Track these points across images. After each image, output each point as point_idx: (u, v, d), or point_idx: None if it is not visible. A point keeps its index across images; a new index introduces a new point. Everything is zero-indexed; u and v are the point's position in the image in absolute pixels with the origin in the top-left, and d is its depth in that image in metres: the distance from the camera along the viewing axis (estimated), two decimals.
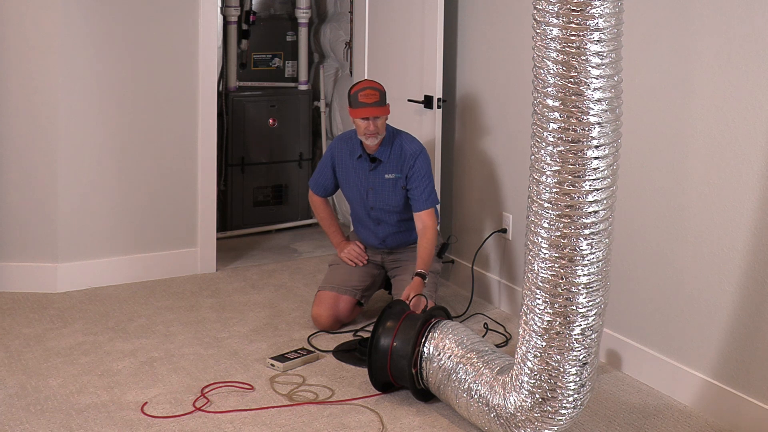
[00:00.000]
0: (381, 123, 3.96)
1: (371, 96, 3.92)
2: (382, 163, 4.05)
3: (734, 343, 3.20)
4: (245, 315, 4.26)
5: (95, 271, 4.61)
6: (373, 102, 3.91)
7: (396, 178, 4.05)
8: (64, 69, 4.45)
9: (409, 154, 4.04)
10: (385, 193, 4.07)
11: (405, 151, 4.05)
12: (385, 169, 4.06)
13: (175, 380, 3.50)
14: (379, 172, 4.06)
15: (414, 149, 4.06)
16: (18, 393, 3.35)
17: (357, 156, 4.09)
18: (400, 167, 4.04)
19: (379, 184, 4.07)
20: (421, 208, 4.01)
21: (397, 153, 4.05)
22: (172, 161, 4.78)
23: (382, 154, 4.04)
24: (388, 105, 3.99)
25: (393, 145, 4.05)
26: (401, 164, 4.04)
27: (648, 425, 3.21)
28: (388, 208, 4.09)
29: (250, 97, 5.80)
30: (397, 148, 4.05)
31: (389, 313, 3.42)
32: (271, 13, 5.99)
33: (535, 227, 2.69)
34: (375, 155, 4.05)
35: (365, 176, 4.09)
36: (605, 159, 2.58)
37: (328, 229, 4.27)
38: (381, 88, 3.99)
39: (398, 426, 3.17)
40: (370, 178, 4.08)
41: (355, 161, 4.10)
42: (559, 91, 2.54)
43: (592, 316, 2.69)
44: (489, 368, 3.01)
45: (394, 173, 4.05)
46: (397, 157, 4.05)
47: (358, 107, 3.93)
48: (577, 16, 2.47)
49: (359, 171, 4.10)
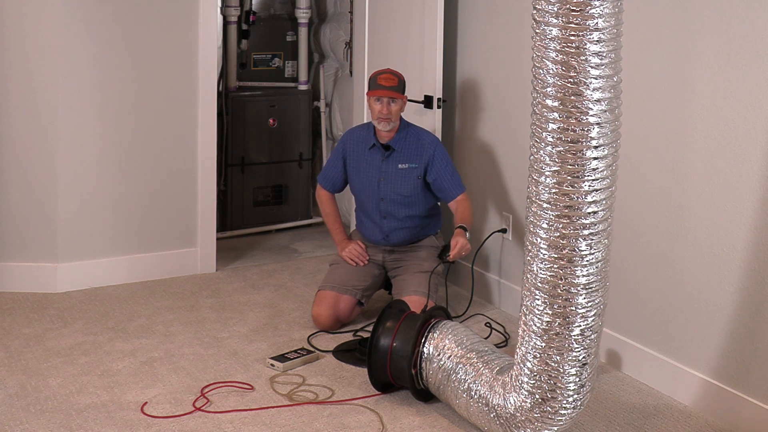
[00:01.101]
0: (396, 109, 4.02)
1: (390, 80, 4.01)
2: (395, 152, 4.10)
3: (734, 343, 3.20)
4: (245, 315, 4.26)
5: (95, 271, 4.61)
6: (390, 86, 4.00)
7: (410, 168, 4.09)
8: (64, 69, 4.45)
9: (427, 142, 4.11)
10: (397, 183, 4.10)
11: (422, 140, 4.11)
12: (398, 158, 4.10)
13: (175, 380, 3.50)
14: (392, 162, 4.10)
15: (432, 139, 4.15)
16: (18, 393, 3.35)
17: (370, 146, 4.13)
18: (418, 156, 4.08)
19: (392, 173, 4.10)
20: (455, 194, 4.10)
21: (413, 142, 4.10)
22: (172, 161, 4.78)
23: (396, 143, 4.10)
24: (405, 96, 4.08)
25: (408, 135, 4.12)
26: (419, 153, 4.09)
27: (648, 425, 3.21)
28: (399, 198, 4.10)
29: (250, 97, 5.80)
30: (412, 138, 4.12)
31: (389, 313, 3.41)
32: (271, 13, 5.99)
33: (534, 228, 2.68)
34: (389, 143, 4.09)
35: (377, 166, 4.11)
36: (604, 159, 2.58)
37: (332, 226, 4.28)
38: (401, 76, 4.07)
39: (398, 426, 3.17)
40: (383, 167, 4.11)
41: (367, 152, 4.14)
42: (558, 91, 2.54)
43: (592, 317, 2.69)
44: (489, 368, 3.01)
45: (407, 163, 4.09)
46: (413, 146, 4.10)
47: (376, 88, 4.01)
48: (577, 16, 2.47)
49: (371, 162, 4.13)
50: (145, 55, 4.65)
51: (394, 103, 4.02)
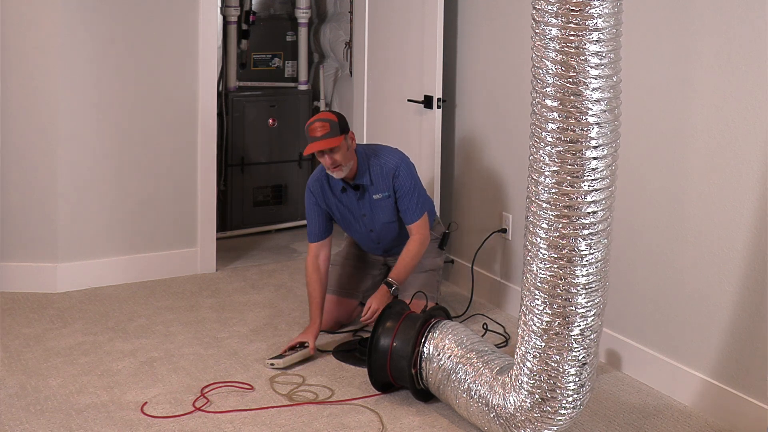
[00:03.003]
0: (340, 155, 3.71)
1: (320, 129, 3.67)
2: (367, 186, 3.90)
3: (734, 343, 3.20)
4: (245, 315, 4.26)
5: (95, 271, 4.61)
6: (322, 135, 3.66)
7: (383, 197, 3.91)
8: (64, 69, 4.46)
9: (388, 170, 3.88)
10: (381, 214, 3.95)
11: (384, 168, 3.88)
12: (372, 191, 3.90)
13: (174, 380, 3.50)
14: (367, 197, 3.91)
15: (392, 163, 3.89)
16: (18, 393, 3.35)
17: (340, 189, 3.89)
18: (386, 185, 3.89)
19: (371, 207, 3.93)
20: (409, 221, 3.92)
21: (378, 172, 3.89)
22: (172, 161, 4.78)
23: (362, 178, 3.86)
24: (343, 135, 3.71)
25: (371, 167, 3.88)
26: (386, 182, 3.89)
27: (648, 425, 3.21)
28: (386, 225, 3.99)
29: (250, 97, 5.80)
30: (376, 168, 3.88)
31: (389, 313, 3.41)
32: (271, 13, 5.99)
33: (533, 228, 2.68)
34: (357, 182, 3.87)
35: (356, 205, 3.93)
36: (604, 159, 2.58)
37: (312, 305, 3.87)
38: (332, 118, 3.73)
39: (398, 426, 3.17)
40: (361, 205, 3.93)
41: (340, 194, 3.91)
42: (557, 91, 2.54)
43: (591, 317, 2.69)
44: (489, 368, 3.01)
45: (381, 193, 3.91)
46: (379, 175, 3.89)
47: (309, 143, 3.71)
48: (576, 16, 2.47)
49: (348, 202, 3.93)
50: (145, 55, 4.65)
51: (335, 152, 3.69)
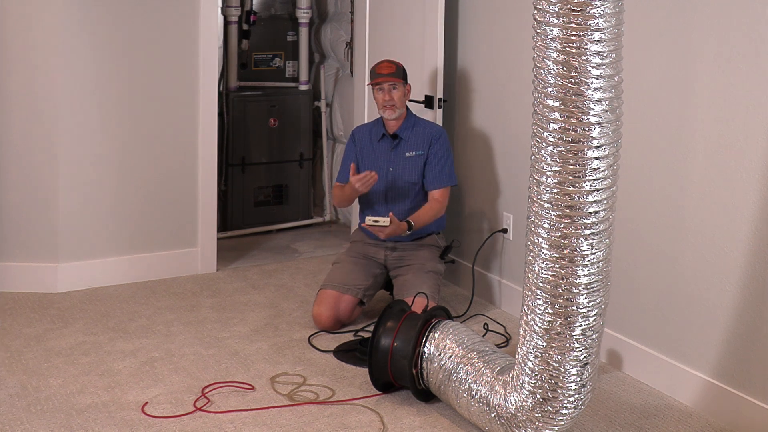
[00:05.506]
0: (398, 95, 4.09)
1: (388, 68, 4.08)
2: (403, 141, 4.17)
3: (734, 343, 3.20)
4: (246, 315, 4.26)
5: (96, 271, 4.61)
6: (389, 72, 4.06)
7: (417, 155, 4.15)
8: (65, 69, 4.45)
9: (431, 132, 4.17)
10: (405, 171, 4.16)
11: (428, 130, 4.19)
12: (406, 147, 4.17)
13: (175, 380, 3.51)
14: (400, 150, 4.17)
15: (437, 129, 4.21)
16: (18, 393, 3.36)
17: (379, 137, 4.20)
18: (424, 143, 4.16)
19: (400, 162, 4.17)
20: (435, 186, 4.13)
21: (420, 131, 4.18)
22: (172, 161, 4.78)
23: (404, 131, 4.17)
24: (408, 84, 4.15)
25: (416, 125, 4.19)
26: (425, 141, 4.16)
27: (648, 425, 3.21)
28: (406, 186, 4.16)
29: (251, 97, 5.80)
30: (420, 128, 4.19)
31: (390, 313, 3.42)
32: (272, 13, 5.99)
33: (535, 228, 2.69)
34: (396, 132, 4.16)
35: (386, 156, 4.18)
36: (605, 159, 2.58)
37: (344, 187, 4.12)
38: (400, 64, 4.14)
39: (399, 426, 3.17)
40: (392, 156, 4.18)
41: (376, 143, 4.21)
42: (559, 91, 2.54)
43: (593, 317, 2.69)
44: (490, 368, 3.01)
45: (415, 150, 4.15)
46: (420, 134, 4.18)
47: (375, 77, 4.08)
48: (578, 16, 2.47)
49: (380, 152, 4.20)
50: (145, 55, 4.65)
51: (396, 89, 4.08)
